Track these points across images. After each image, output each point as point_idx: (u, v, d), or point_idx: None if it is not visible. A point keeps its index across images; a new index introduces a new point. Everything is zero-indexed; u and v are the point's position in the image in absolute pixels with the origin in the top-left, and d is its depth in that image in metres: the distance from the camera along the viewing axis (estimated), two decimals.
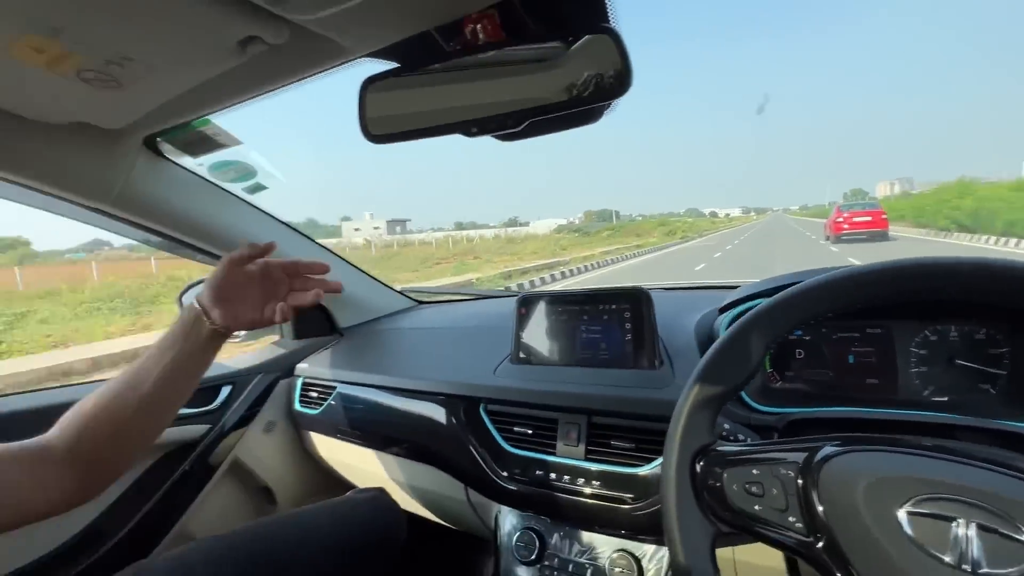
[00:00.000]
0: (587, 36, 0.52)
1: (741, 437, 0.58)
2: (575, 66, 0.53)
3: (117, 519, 0.94)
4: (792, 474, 0.44)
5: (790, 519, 0.43)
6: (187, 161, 0.91)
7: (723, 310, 0.81)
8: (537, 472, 0.77)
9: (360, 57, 0.62)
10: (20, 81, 0.60)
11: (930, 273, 0.43)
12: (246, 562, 0.69)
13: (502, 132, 0.58)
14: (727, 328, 0.73)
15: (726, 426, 0.58)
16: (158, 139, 0.84)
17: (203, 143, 0.86)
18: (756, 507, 0.44)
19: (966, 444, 0.56)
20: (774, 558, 0.64)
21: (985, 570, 0.35)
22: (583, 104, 0.54)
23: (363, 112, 0.58)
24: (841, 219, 16.67)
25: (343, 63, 0.63)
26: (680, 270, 12.35)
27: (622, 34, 0.52)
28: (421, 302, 1.47)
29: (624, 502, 0.70)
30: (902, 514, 0.38)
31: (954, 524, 0.36)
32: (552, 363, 0.84)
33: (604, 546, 0.74)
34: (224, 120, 0.82)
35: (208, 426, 1.05)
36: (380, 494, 0.87)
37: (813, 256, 12.74)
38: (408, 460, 0.98)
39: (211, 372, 1.12)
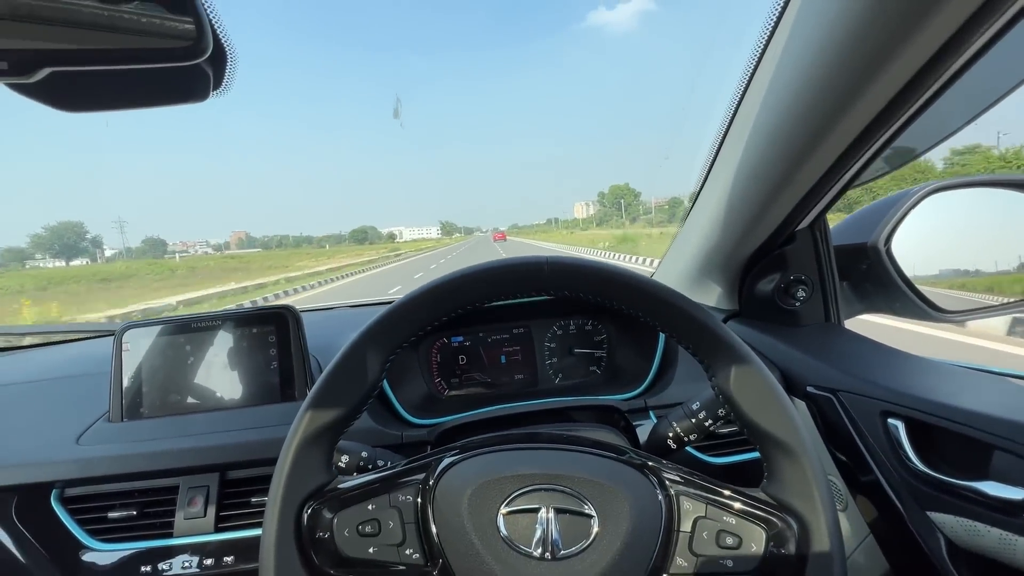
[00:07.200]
0: None
1: (381, 463, 0.53)
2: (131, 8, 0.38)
3: None
4: (411, 498, 0.40)
5: (407, 552, 0.39)
6: None
7: None
8: (143, 568, 0.56)
9: None
10: None
11: (510, 273, 0.42)
12: None
13: (16, 80, 0.38)
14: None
15: (364, 454, 0.52)
16: None
17: None
18: (371, 550, 0.39)
19: (553, 429, 0.63)
20: None
21: (562, 553, 0.37)
22: (138, 62, 0.40)
23: None
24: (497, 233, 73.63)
25: None
26: None
27: None
28: None
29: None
30: (500, 515, 0.38)
31: (539, 513, 0.38)
32: (171, 412, 0.64)
33: None
34: None
35: None
36: None
37: None
38: None
39: None
